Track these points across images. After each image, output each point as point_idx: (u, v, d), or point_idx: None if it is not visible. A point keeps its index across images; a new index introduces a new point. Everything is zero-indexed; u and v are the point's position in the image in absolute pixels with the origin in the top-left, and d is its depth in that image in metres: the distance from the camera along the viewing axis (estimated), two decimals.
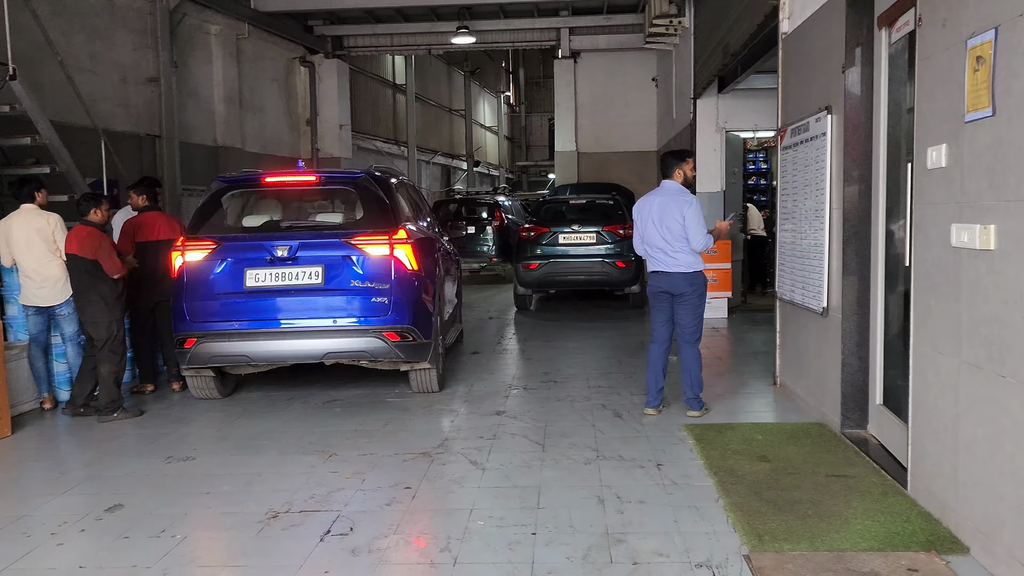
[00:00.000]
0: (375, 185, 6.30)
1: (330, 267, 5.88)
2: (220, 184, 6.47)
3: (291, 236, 6.03)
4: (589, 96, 16.90)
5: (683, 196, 5.51)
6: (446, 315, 7.25)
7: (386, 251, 5.90)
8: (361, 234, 5.97)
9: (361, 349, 5.92)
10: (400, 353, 5.94)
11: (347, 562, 3.47)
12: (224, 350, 5.90)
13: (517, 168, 37.45)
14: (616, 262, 11.13)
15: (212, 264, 5.92)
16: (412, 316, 5.95)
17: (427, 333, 6.10)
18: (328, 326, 5.86)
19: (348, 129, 17.22)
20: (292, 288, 5.86)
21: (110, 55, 10.77)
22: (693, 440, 5.06)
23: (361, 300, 5.86)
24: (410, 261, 5.98)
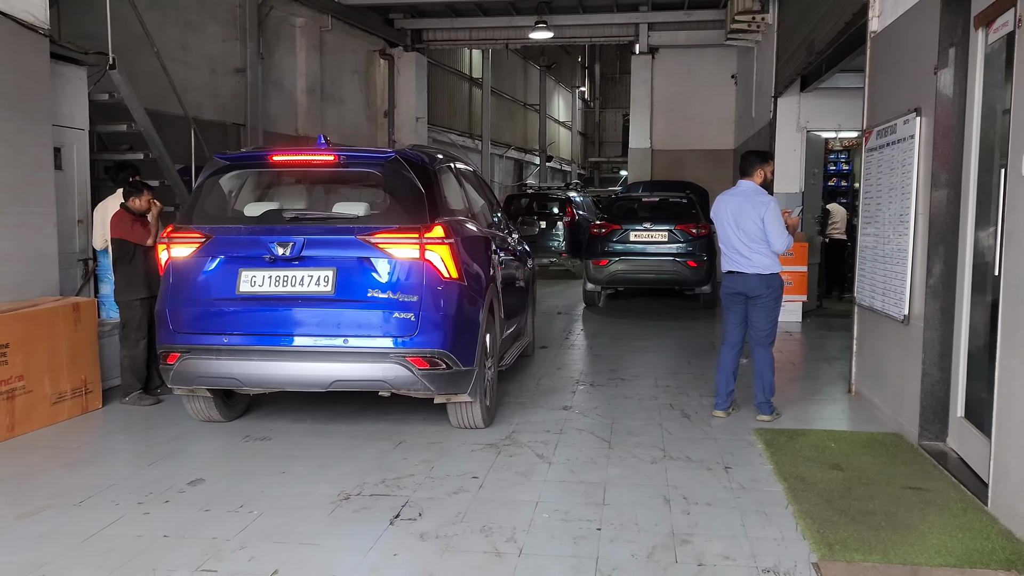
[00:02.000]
0: (407, 169, 5.03)
1: (343, 271, 4.77)
2: (220, 162, 5.34)
3: (296, 231, 4.85)
4: (666, 93, 16.72)
5: (760, 197, 5.43)
6: (505, 331, 6.08)
7: (415, 253, 4.74)
8: (384, 231, 4.77)
9: (378, 378, 4.75)
10: (429, 384, 4.75)
11: (415, 546, 3.55)
12: (211, 369, 4.84)
13: (589, 164, 37.30)
14: (688, 261, 11.03)
15: (200, 262, 4.91)
16: (447, 337, 4.76)
17: (467, 358, 4.91)
18: (337, 347, 4.73)
19: (424, 122, 17.45)
20: (295, 296, 4.78)
21: (201, 46, 11.16)
22: (763, 445, 4.99)
23: (381, 315, 4.72)
24: (447, 266, 4.79)
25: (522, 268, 7.05)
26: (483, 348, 5.14)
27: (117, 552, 3.46)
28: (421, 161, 5.20)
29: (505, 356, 6.16)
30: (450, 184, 5.62)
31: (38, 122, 6.34)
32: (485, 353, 5.23)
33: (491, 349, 5.46)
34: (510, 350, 6.43)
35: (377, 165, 5.14)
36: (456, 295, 4.85)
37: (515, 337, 6.79)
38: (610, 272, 11.30)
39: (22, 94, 6.15)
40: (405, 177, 5.01)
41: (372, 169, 5.18)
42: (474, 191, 6.37)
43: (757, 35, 12.53)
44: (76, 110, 7.25)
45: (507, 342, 6.31)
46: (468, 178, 6.35)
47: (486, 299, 5.25)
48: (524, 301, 7.14)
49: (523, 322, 7.17)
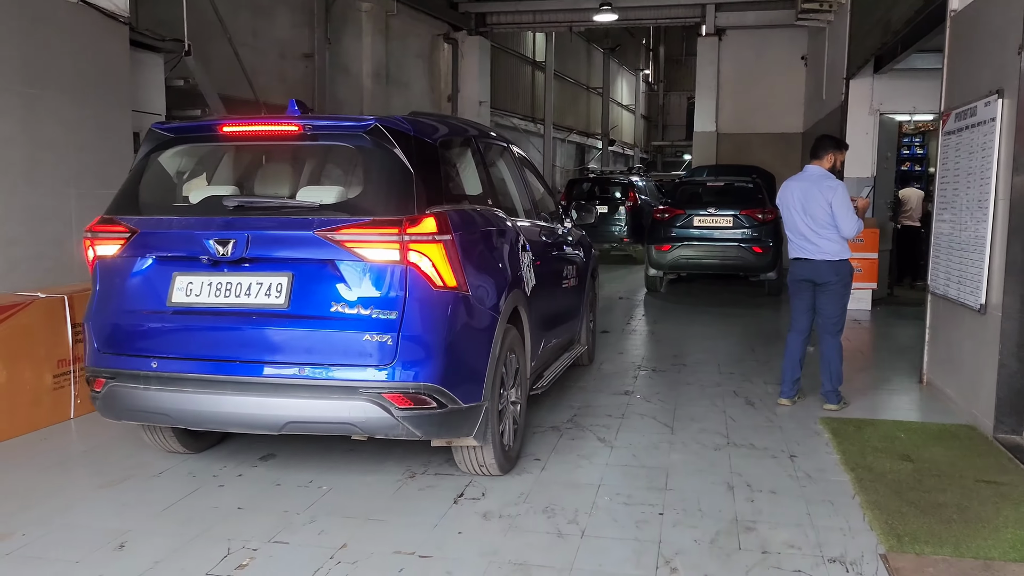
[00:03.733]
0: (391, 142, 3.79)
1: (301, 278, 3.65)
2: (159, 135, 4.16)
3: (239, 224, 3.74)
4: (732, 75, 16.41)
5: (827, 181, 5.31)
6: (543, 345, 5.00)
7: (394, 254, 3.58)
8: (352, 224, 3.61)
9: (343, 420, 3.62)
10: (414, 429, 3.63)
11: (479, 525, 3.61)
12: (137, 402, 3.81)
13: (652, 148, 36.88)
14: (753, 247, 10.86)
15: (127, 263, 3.89)
16: (439, 366, 3.62)
17: (470, 392, 3.79)
18: (291, 378, 3.60)
19: (487, 106, 17.49)
20: (239, 310, 3.68)
21: (270, 32, 11.38)
22: (829, 434, 4.91)
23: (348, 337, 3.58)
24: (441, 271, 3.64)
25: (572, 264, 5.91)
26: (497, 375, 4.01)
27: (194, 522, 3.61)
28: (412, 132, 3.90)
29: (544, 374, 5.10)
30: (464, 163, 4.54)
31: (119, 108, 6.58)
32: (501, 381, 4.10)
33: (514, 373, 4.36)
34: (552, 366, 5.39)
35: (351, 137, 3.87)
36: (454, 309, 3.69)
37: (562, 348, 5.77)
38: (673, 257, 11.20)
39: (104, 81, 6.39)
40: (388, 153, 3.77)
41: (345, 142, 3.93)
42: (509, 172, 5.31)
43: (829, 15, 12.18)
44: (153, 96, 7.50)
45: (547, 356, 5.25)
46: (499, 156, 5.26)
47: (504, 309, 4.09)
48: (576, 304, 6.05)
49: (575, 329, 6.13)
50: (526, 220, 5.14)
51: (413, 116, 4.24)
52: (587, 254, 6.52)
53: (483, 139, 4.99)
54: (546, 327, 5.09)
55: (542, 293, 4.90)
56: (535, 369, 4.90)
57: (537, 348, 4.85)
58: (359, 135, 3.84)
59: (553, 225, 5.73)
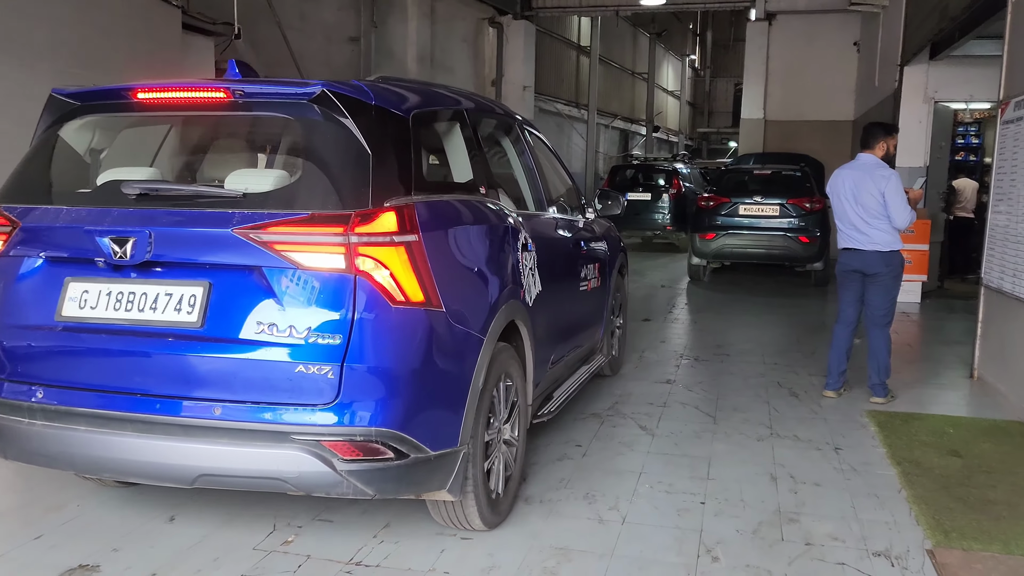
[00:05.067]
0: (343, 113, 2.94)
1: (219, 290, 2.86)
2: (62, 102, 3.31)
3: (140, 217, 2.92)
4: (782, 61, 16.10)
5: (880, 171, 5.20)
6: (553, 361, 4.30)
7: (337, 260, 2.78)
8: (283, 220, 2.80)
9: (270, 474, 2.80)
10: (364, 486, 2.80)
11: (520, 509, 3.63)
12: (19, 440, 3.00)
13: (697, 134, 36.44)
14: (800, 237, 10.70)
15: (9, 264, 3.09)
16: (399, 405, 2.83)
17: (442, 436, 2.99)
18: (205, 417, 2.80)
19: (531, 91, 17.42)
20: (143, 328, 2.88)
21: (317, 15, 11.47)
22: (876, 427, 4.83)
23: (277, 368, 2.78)
24: (401, 283, 2.83)
25: (594, 263, 5.11)
26: (482, 410, 3.20)
27: (241, 500, 3.69)
28: (373, 101, 3.03)
29: (555, 395, 4.40)
30: (451, 142, 3.70)
31: None
32: (489, 415, 3.31)
33: (509, 402, 3.57)
34: (565, 384, 4.62)
35: (293, 107, 3.01)
36: (420, 330, 2.88)
37: (580, 360, 5.03)
38: (717, 246, 11.09)
39: (157, 64, 6.51)
40: (337, 127, 2.92)
41: (286, 113, 3.05)
42: (517, 155, 4.50)
43: (884, 0, 11.89)
44: None
45: (559, 374, 4.52)
46: (502, 135, 4.45)
47: (494, 327, 3.29)
48: (597, 308, 5.28)
49: (596, 336, 5.35)
50: (535, 212, 4.35)
51: (381, 81, 3.48)
52: (613, 249, 5.67)
53: (480, 114, 4.06)
54: (556, 341, 4.33)
55: (551, 300, 4.10)
56: (541, 392, 4.13)
57: (544, 368, 4.09)
58: (302, 104, 2.96)
59: (572, 217, 4.95)
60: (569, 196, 5.21)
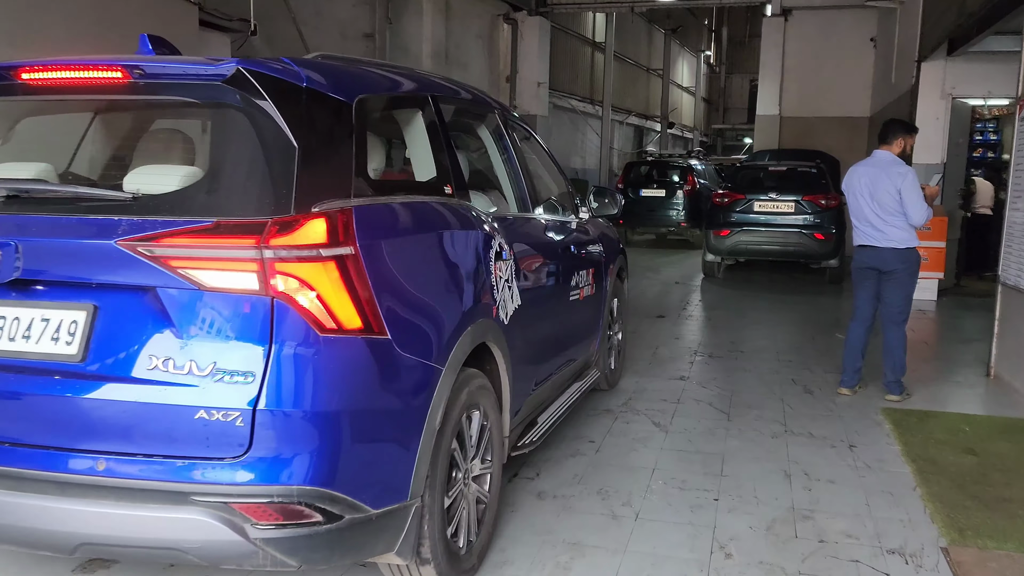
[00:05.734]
0: (262, 96, 2.39)
1: (105, 314, 2.31)
2: None
3: (6, 225, 2.38)
4: (798, 57, 16.00)
5: (896, 167, 5.17)
6: (538, 382, 3.85)
7: (248, 280, 2.25)
8: (178, 232, 2.26)
9: (166, 543, 2.27)
10: (286, 556, 2.27)
11: (533, 504, 3.65)
12: None
13: (712, 131, 36.30)
14: (815, 234, 10.67)
15: None
16: (328, 457, 2.29)
17: (385, 490, 2.47)
18: (86, 472, 2.26)
19: (546, 87, 17.41)
20: (12, 361, 2.35)
21: (332, 11, 11.50)
22: (891, 424, 4.82)
23: (174, 411, 2.23)
24: (331, 306, 2.30)
25: (587, 268, 4.62)
26: (441, 454, 2.68)
27: None
28: (304, 83, 2.48)
29: (539, 420, 3.92)
30: (412, 134, 3.16)
31: None
32: (448, 461, 2.77)
33: (482, 437, 3.09)
34: (552, 406, 4.14)
35: (203, 89, 2.44)
36: (356, 363, 2.34)
37: (571, 378, 4.58)
38: (732, 243, 11.07)
39: None
40: (256, 114, 2.36)
41: (195, 97, 2.49)
42: (497, 149, 3.99)
43: None
44: None
45: (546, 395, 4.07)
46: (479, 126, 3.96)
47: (456, 353, 2.77)
48: (591, 317, 4.81)
49: (590, 349, 4.87)
50: (518, 214, 3.87)
51: (321, 59, 2.92)
52: (610, 251, 5.19)
53: (449, 102, 3.46)
54: (541, 359, 3.87)
55: (534, 314, 3.63)
56: (523, 419, 3.68)
57: (525, 392, 3.64)
58: (214, 86, 2.39)
59: (562, 218, 4.46)
60: (561, 195, 4.70)
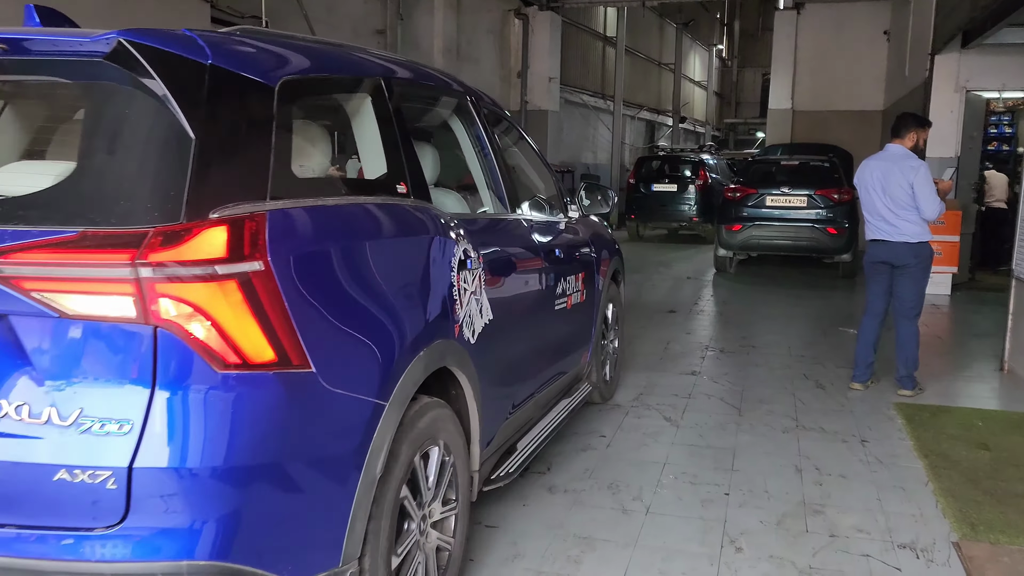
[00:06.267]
0: (150, 75, 1.88)
1: None
2: None
3: None
4: (811, 50, 15.91)
5: (909, 161, 5.15)
6: (503, 419, 3.26)
7: (124, 305, 1.75)
8: (38, 244, 1.76)
9: None
10: None
11: (543, 497, 3.66)
12: None
13: (725, 125, 36.13)
14: (827, 228, 10.64)
15: None
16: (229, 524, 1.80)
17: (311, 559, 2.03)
18: None
19: (557, 82, 17.39)
20: None
21: (344, 7, 11.52)
22: (903, 419, 4.80)
23: (28, 472, 1.75)
24: (232, 335, 1.81)
25: (575, 272, 4.17)
26: (384, 507, 2.24)
27: None
28: (209, 60, 2.02)
29: (519, 446, 3.47)
30: (358, 123, 2.69)
31: None
32: (395, 511, 2.31)
33: (442, 476, 2.62)
34: (534, 429, 3.68)
35: (81, 68, 1.99)
36: (265, 406, 1.88)
37: (558, 394, 4.14)
38: (743, 238, 11.04)
39: None
40: (144, 99, 1.92)
41: (71, 77, 2.07)
42: (470, 140, 3.53)
43: None
44: None
45: (527, 417, 3.62)
46: (445, 114, 3.52)
47: (402, 382, 2.29)
48: (581, 327, 4.38)
49: (579, 362, 4.44)
50: (493, 215, 3.48)
51: (240, 33, 2.37)
52: (602, 253, 4.76)
53: (408, 87, 2.96)
54: (519, 379, 3.42)
55: (510, 328, 3.19)
56: (499, 446, 3.24)
57: (500, 418, 3.20)
58: (95, 64, 1.91)
59: (548, 218, 4.00)
60: (548, 193, 4.30)
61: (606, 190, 4.64)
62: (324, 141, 2.66)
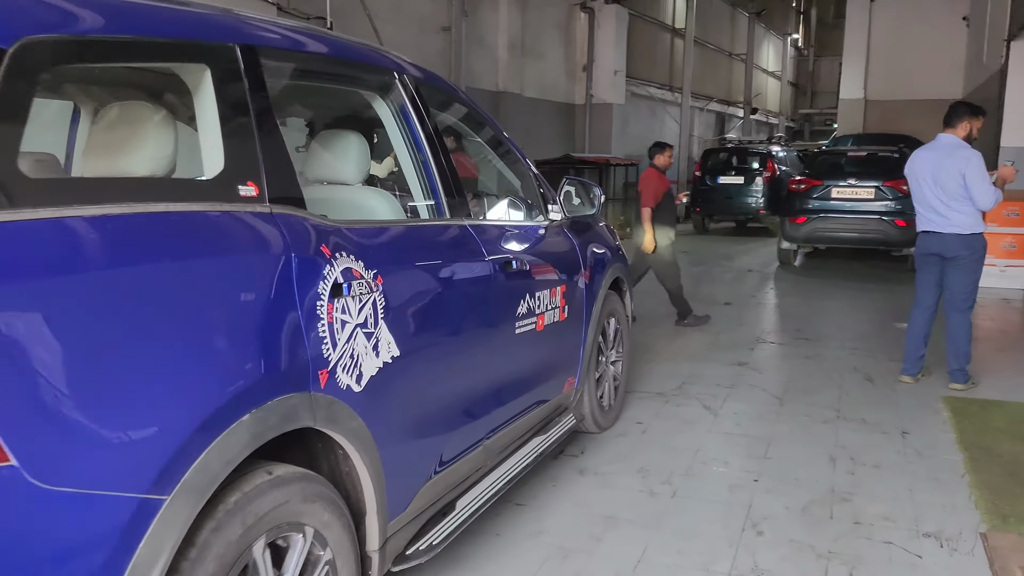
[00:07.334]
0: None
1: None
2: None
3: None
4: (885, 37, 15.52)
5: (961, 151, 5.05)
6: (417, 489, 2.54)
7: None
8: None
9: None
10: None
11: (573, 479, 3.78)
12: None
13: (800, 116, 35.30)
14: (895, 220, 10.37)
15: None
16: None
17: None
18: None
19: (623, 75, 17.35)
20: None
21: (410, 6, 11.78)
22: (949, 412, 4.74)
23: None
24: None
25: (552, 286, 3.49)
26: None
27: None
28: None
29: (457, 507, 2.80)
30: (195, 99, 2.03)
31: None
32: None
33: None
34: (487, 482, 3.03)
35: None
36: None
37: (527, 432, 3.47)
38: (808, 230, 10.86)
39: None
40: None
41: None
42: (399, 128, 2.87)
43: None
44: None
45: (476, 464, 2.95)
46: (376, 94, 2.86)
47: (200, 462, 1.66)
48: (560, 350, 3.70)
49: (559, 391, 3.74)
50: (416, 220, 2.91)
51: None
52: (597, 258, 4.08)
53: (280, 57, 2.32)
54: (451, 428, 2.72)
55: (428, 369, 2.54)
56: (419, 510, 2.57)
57: (419, 475, 2.54)
58: None
59: (511, 221, 3.45)
60: (526, 191, 3.71)
61: (590, 187, 4.09)
62: (117, 130, 1.99)
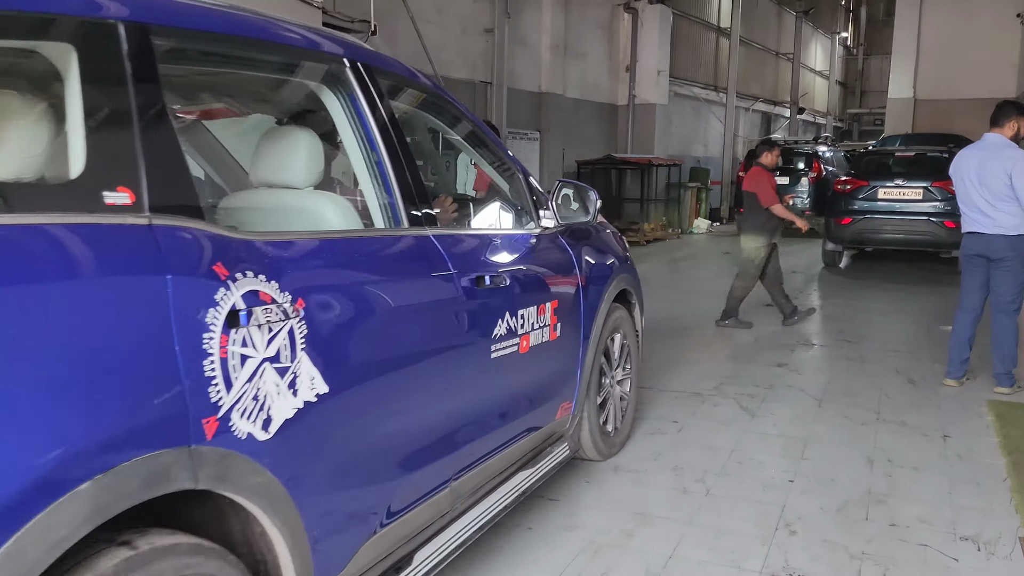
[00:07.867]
0: None
1: None
2: None
3: None
4: (935, 35, 15.20)
5: (1008, 151, 4.97)
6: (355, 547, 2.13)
7: None
8: None
9: None
10: None
11: (607, 477, 3.82)
12: None
13: (848, 116, 34.70)
14: (944, 222, 10.16)
15: None
16: None
17: None
18: None
19: (666, 75, 17.27)
20: None
21: (453, 8, 11.90)
22: (993, 416, 4.67)
23: None
24: None
25: (541, 302, 3.11)
26: None
27: None
28: None
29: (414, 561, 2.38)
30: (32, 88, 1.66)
31: None
32: None
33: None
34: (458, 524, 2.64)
35: None
36: None
37: (511, 466, 3.10)
38: (854, 231, 10.71)
39: None
40: None
41: None
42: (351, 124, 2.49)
43: None
44: None
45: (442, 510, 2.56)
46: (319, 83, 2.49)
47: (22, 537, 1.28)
48: (551, 374, 3.32)
49: (552, 417, 3.37)
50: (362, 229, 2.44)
51: None
52: (599, 268, 3.71)
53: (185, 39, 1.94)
54: (398, 474, 2.32)
55: (368, 405, 2.16)
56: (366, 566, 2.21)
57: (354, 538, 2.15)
58: None
59: (487, 231, 3.30)
60: (514, 196, 3.38)
61: (586, 191, 3.64)
62: None
